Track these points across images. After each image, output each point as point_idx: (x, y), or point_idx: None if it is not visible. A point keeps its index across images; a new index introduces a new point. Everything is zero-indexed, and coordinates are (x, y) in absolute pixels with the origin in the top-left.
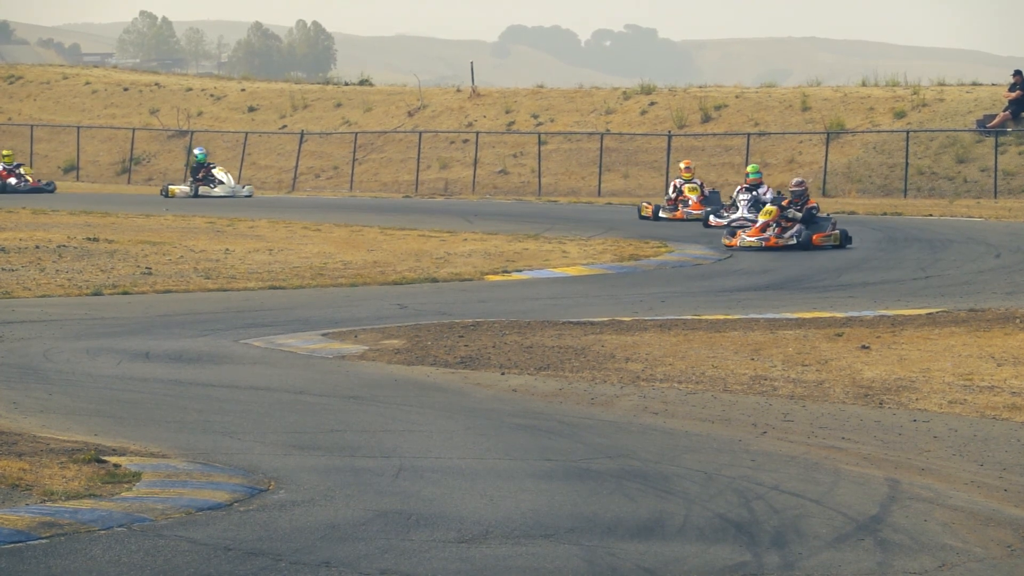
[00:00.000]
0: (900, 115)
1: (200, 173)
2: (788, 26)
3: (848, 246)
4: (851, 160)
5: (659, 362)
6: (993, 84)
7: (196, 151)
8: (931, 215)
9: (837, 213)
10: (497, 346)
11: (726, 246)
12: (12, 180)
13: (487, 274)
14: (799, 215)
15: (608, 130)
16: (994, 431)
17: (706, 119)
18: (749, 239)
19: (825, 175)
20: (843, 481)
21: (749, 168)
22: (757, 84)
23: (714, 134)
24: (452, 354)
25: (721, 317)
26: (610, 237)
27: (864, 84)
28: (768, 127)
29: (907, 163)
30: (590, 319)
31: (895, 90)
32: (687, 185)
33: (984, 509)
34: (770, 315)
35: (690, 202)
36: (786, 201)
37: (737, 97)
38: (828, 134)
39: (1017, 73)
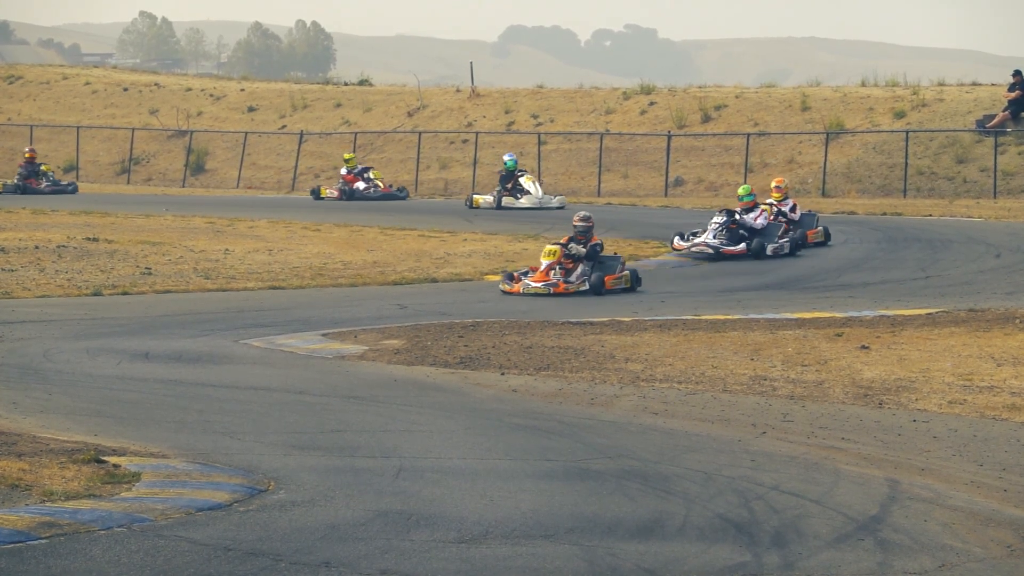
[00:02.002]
0: (900, 115)
1: (509, 183)
2: (788, 26)
3: (638, 288)
4: (851, 160)
5: (659, 362)
6: (993, 84)
7: (506, 157)
8: (931, 215)
9: (837, 213)
10: (497, 346)
11: (505, 292)
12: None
13: (487, 274)
14: (583, 251)
15: (608, 130)
16: (994, 431)
17: (706, 119)
18: (535, 285)
19: (825, 175)
20: (843, 481)
21: (740, 190)
22: (757, 84)
23: (714, 134)
24: (452, 354)
25: (721, 317)
26: (610, 237)
27: (864, 84)
28: (768, 127)
29: (907, 163)
30: (590, 319)
31: (895, 90)
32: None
33: (984, 509)
34: (770, 315)
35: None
36: (565, 238)
37: (737, 97)
38: (828, 134)
39: (1017, 73)
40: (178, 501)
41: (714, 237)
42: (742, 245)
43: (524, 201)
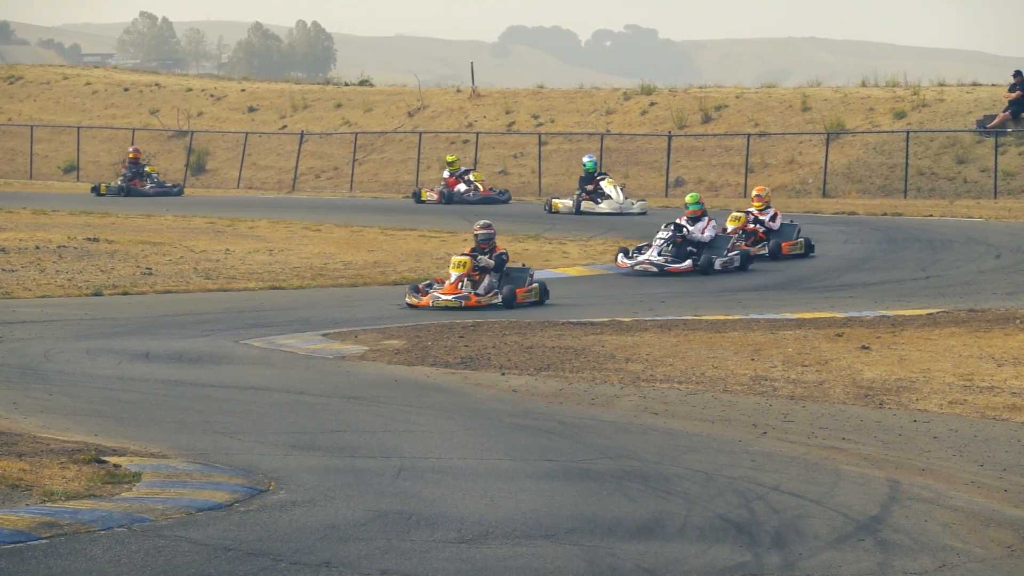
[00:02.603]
0: (900, 115)
1: (590, 185)
2: (788, 26)
3: (547, 302)
4: (851, 160)
5: (659, 362)
6: (993, 84)
7: (585, 159)
8: (931, 215)
9: (838, 214)
10: (497, 346)
11: (411, 306)
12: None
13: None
14: (491, 263)
15: (608, 130)
16: (994, 431)
17: (706, 119)
18: (445, 298)
19: (825, 175)
20: (843, 481)
21: (688, 198)
22: (757, 84)
23: (714, 134)
24: (452, 354)
25: (721, 317)
26: (610, 237)
27: (864, 84)
28: (768, 127)
29: (907, 163)
30: (590, 319)
31: (895, 90)
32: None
33: (984, 509)
34: (770, 315)
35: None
36: (469, 249)
37: (737, 97)
38: (828, 134)
39: (1017, 73)
40: (178, 501)
41: (659, 254)
42: (688, 262)
43: (604, 206)
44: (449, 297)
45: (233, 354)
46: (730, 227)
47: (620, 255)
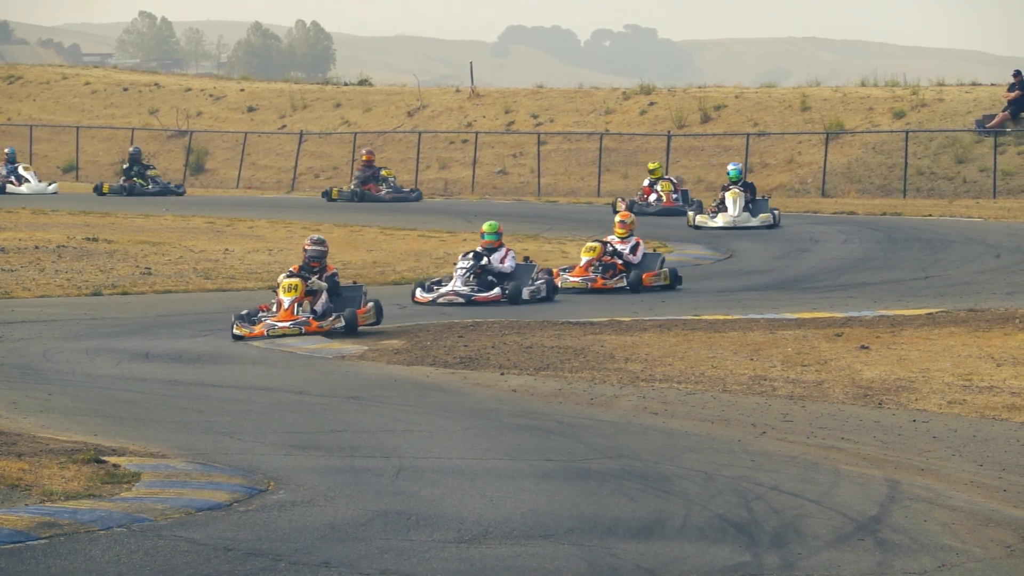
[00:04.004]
0: (899, 115)
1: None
2: (788, 26)
3: (383, 322)
4: (851, 160)
5: (658, 362)
6: (992, 84)
7: (731, 167)
8: (931, 215)
9: (837, 213)
10: (497, 346)
11: (240, 338)
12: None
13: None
14: (323, 285)
15: (608, 130)
16: (994, 431)
17: (706, 119)
18: (281, 325)
19: (825, 175)
20: (843, 481)
21: (485, 226)
22: (757, 84)
23: (714, 134)
24: (452, 354)
25: (721, 317)
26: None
27: (864, 84)
28: (768, 127)
29: (906, 163)
30: (590, 319)
31: (894, 90)
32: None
33: (983, 509)
34: (770, 315)
35: None
36: (296, 267)
37: (737, 97)
38: (828, 134)
39: (1017, 73)
40: (178, 501)
41: (463, 284)
42: (496, 291)
43: (719, 220)
44: (286, 324)
45: (233, 354)
46: (584, 258)
47: (418, 290)
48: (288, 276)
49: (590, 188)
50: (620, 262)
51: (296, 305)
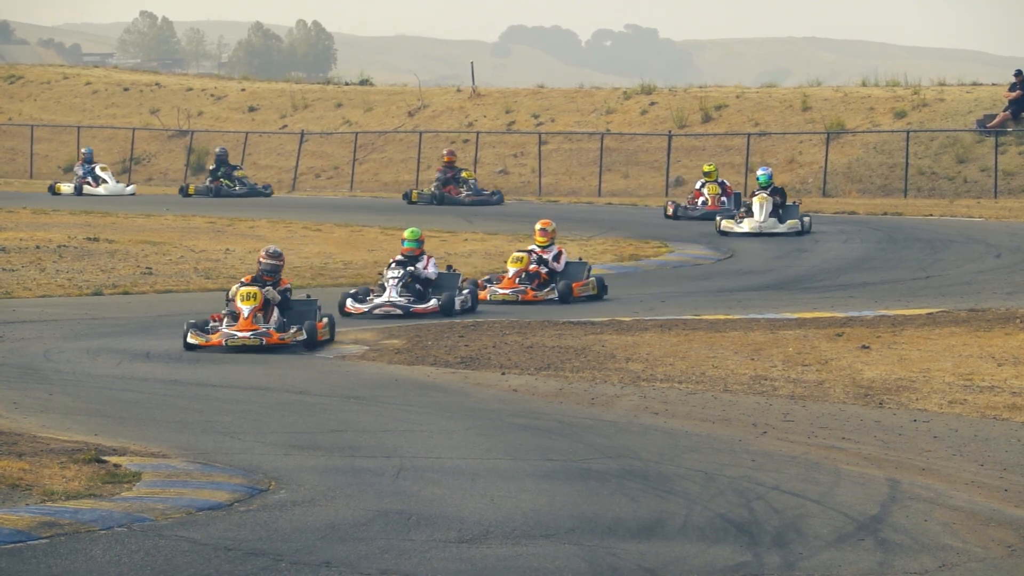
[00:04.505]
0: (900, 115)
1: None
2: (788, 26)
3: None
4: (851, 160)
5: (659, 362)
6: (993, 84)
7: (760, 172)
8: (931, 215)
9: (838, 213)
10: (497, 346)
11: (193, 347)
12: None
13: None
14: (278, 297)
15: (608, 130)
16: (994, 431)
17: (706, 119)
18: (240, 335)
19: (825, 175)
20: (843, 481)
21: (407, 233)
22: (757, 84)
23: (714, 134)
24: (452, 354)
25: (721, 317)
26: (610, 237)
27: (864, 84)
28: (768, 127)
29: (907, 163)
30: (590, 319)
31: (895, 90)
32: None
33: (984, 509)
34: (770, 315)
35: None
36: (248, 277)
37: (737, 97)
38: (828, 134)
39: (1018, 73)
40: (178, 501)
41: (399, 295)
42: (433, 302)
43: (745, 225)
44: (246, 335)
45: (233, 354)
46: (512, 269)
47: (348, 300)
48: (243, 285)
49: (591, 188)
50: (545, 271)
51: (255, 315)
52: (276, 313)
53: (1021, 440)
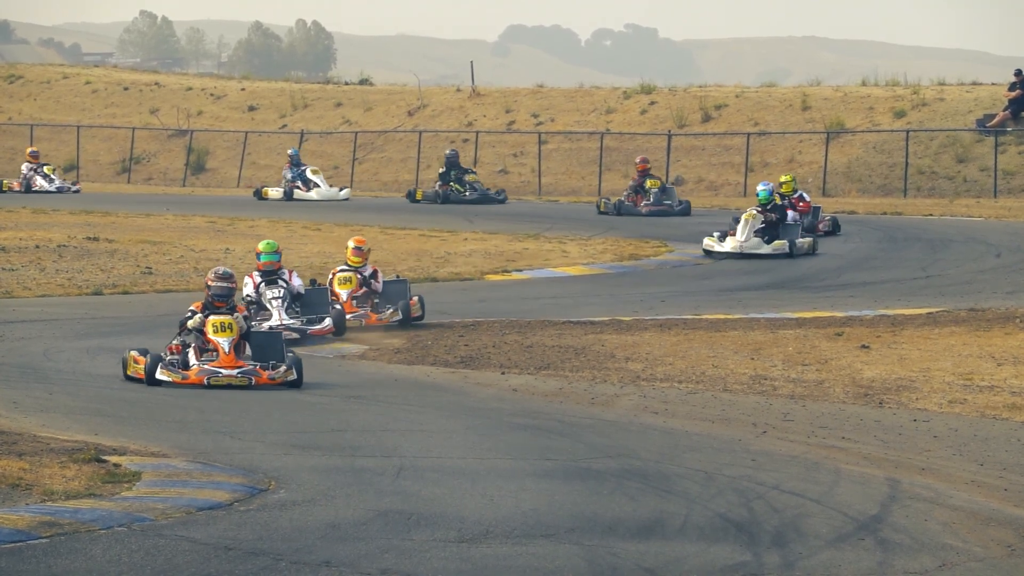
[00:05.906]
0: (900, 115)
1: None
2: (789, 26)
3: (303, 386)
4: (851, 160)
5: (659, 361)
6: (993, 84)
7: (760, 187)
8: (931, 215)
9: (838, 213)
10: (497, 346)
11: (159, 382)
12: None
13: (487, 274)
14: (244, 326)
15: (608, 130)
16: (994, 431)
17: (706, 119)
18: (227, 373)
19: (825, 175)
20: (843, 481)
21: (262, 245)
22: (757, 84)
23: (714, 134)
24: (452, 354)
25: (721, 317)
26: (610, 237)
27: (864, 84)
28: (768, 127)
29: (907, 163)
30: (590, 319)
31: (895, 90)
32: None
33: (984, 509)
34: (770, 315)
35: None
36: (198, 305)
37: (737, 97)
38: (828, 134)
39: (1018, 72)
40: (178, 500)
41: (287, 313)
42: (328, 322)
43: (727, 244)
44: (232, 373)
45: None
46: (343, 292)
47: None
48: (207, 315)
49: (591, 187)
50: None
51: (235, 348)
52: (247, 347)
53: (1021, 440)
